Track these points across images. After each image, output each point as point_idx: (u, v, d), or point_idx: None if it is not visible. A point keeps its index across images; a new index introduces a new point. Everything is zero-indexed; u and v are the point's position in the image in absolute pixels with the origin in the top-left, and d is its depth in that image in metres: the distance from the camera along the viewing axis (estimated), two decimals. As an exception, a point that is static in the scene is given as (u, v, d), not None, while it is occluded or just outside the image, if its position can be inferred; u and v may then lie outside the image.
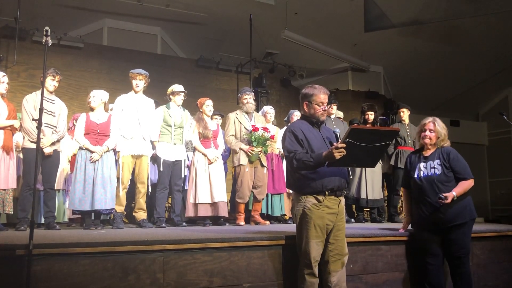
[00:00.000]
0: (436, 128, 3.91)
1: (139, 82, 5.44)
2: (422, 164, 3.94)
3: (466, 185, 3.80)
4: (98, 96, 5.24)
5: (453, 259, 3.88)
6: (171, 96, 5.71)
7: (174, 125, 5.57)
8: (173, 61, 10.83)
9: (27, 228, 4.58)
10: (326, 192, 3.18)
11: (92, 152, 4.99)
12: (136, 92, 5.46)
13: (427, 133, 3.93)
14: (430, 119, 3.99)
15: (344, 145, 2.96)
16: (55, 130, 4.98)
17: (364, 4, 10.38)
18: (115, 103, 5.49)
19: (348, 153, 2.98)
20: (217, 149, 5.78)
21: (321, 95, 3.29)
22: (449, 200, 3.68)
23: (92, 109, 5.23)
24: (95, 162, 4.98)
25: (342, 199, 3.32)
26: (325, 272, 3.27)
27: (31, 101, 4.87)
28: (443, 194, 3.69)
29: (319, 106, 3.29)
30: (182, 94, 5.69)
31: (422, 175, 3.90)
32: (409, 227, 4.21)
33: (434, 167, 3.86)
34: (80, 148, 5.04)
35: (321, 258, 3.26)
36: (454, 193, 3.70)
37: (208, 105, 5.83)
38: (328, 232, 3.23)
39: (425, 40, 11.78)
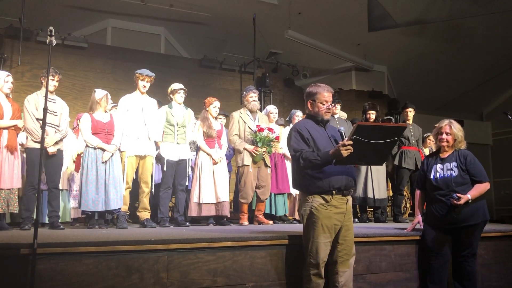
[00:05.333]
0: (452, 130, 3.93)
1: (147, 84, 5.46)
2: (438, 166, 3.96)
3: (482, 188, 3.82)
4: (110, 98, 5.25)
5: (459, 258, 3.91)
6: (171, 96, 5.72)
7: (177, 125, 5.57)
8: (177, 61, 10.84)
9: (31, 228, 4.61)
10: (334, 192, 3.16)
11: (104, 151, 4.97)
12: (142, 93, 5.47)
13: (444, 136, 3.94)
14: (446, 121, 4.00)
15: (351, 142, 2.94)
16: (58, 130, 5.00)
17: (368, 3, 10.36)
18: (119, 103, 5.50)
19: (355, 151, 2.97)
20: (221, 149, 5.78)
21: (325, 93, 3.28)
22: (461, 202, 3.69)
23: (92, 110, 5.19)
24: (106, 162, 4.98)
25: (350, 199, 3.30)
26: (333, 272, 3.26)
27: (32, 101, 4.89)
28: (457, 194, 3.72)
29: (323, 104, 3.28)
30: (182, 91, 5.69)
31: (438, 176, 3.92)
32: (417, 226, 4.21)
33: (451, 169, 3.88)
34: (88, 147, 5.00)
35: (330, 258, 3.25)
36: (469, 195, 3.73)
37: (215, 106, 5.83)
38: (337, 232, 3.22)
39: (429, 39, 11.76)
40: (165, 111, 5.59)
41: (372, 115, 6.46)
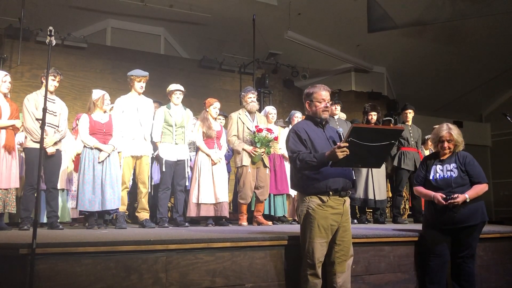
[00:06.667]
0: (453, 137, 3.93)
1: (143, 85, 5.45)
2: (438, 167, 3.96)
3: (480, 188, 3.83)
4: (108, 99, 5.26)
5: (458, 259, 3.92)
6: (169, 96, 5.73)
7: (175, 125, 5.56)
8: (176, 61, 10.84)
9: (30, 228, 4.60)
10: (330, 193, 3.16)
11: (101, 151, 4.97)
12: (139, 94, 5.47)
13: (446, 144, 3.94)
14: (444, 128, 3.97)
15: (347, 144, 2.94)
16: (57, 130, 5.00)
17: (368, 4, 10.37)
18: (115, 104, 5.50)
19: (352, 153, 2.95)
20: (220, 149, 5.79)
21: (322, 92, 3.29)
22: (459, 200, 3.70)
23: (91, 110, 5.18)
24: (102, 162, 4.97)
25: (347, 200, 3.30)
26: (331, 273, 3.26)
27: (32, 100, 4.88)
28: (453, 195, 3.72)
29: (320, 103, 3.28)
30: (178, 92, 5.67)
31: (438, 177, 3.93)
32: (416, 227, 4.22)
33: (451, 170, 3.89)
34: (86, 147, 5.00)
35: (328, 259, 3.25)
36: (466, 195, 3.74)
37: (216, 107, 5.83)
38: (334, 232, 3.22)
39: (428, 41, 11.77)
40: (163, 111, 5.59)
41: (374, 116, 6.42)
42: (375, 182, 6.22)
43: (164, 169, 5.46)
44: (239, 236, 3.49)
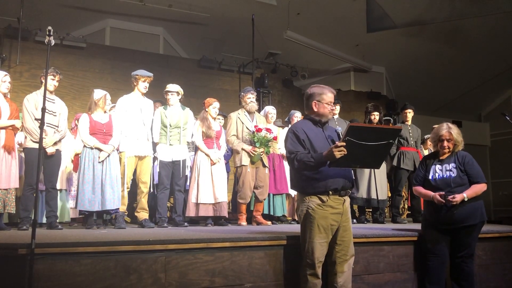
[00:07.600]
0: (452, 136, 3.93)
1: (147, 85, 5.46)
2: (437, 167, 3.97)
3: (478, 188, 3.83)
4: (109, 99, 5.24)
5: (457, 259, 3.92)
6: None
7: (170, 126, 5.55)
8: (176, 61, 10.84)
9: (29, 228, 4.60)
10: (330, 192, 3.16)
11: (101, 151, 4.97)
12: (143, 94, 5.46)
13: (445, 143, 3.94)
14: (444, 127, 3.98)
15: (344, 143, 2.93)
16: (57, 130, 4.99)
17: (367, 4, 10.37)
18: (117, 104, 5.50)
19: (349, 153, 2.94)
20: (219, 149, 5.78)
21: (330, 94, 3.30)
22: (457, 200, 3.70)
23: (91, 110, 5.19)
24: (102, 161, 4.97)
25: (347, 199, 3.29)
26: (332, 273, 3.26)
27: (32, 100, 4.87)
28: (451, 196, 3.72)
29: (329, 105, 3.29)
30: (169, 93, 5.63)
31: (437, 177, 3.93)
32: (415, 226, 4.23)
33: (450, 170, 3.89)
34: (85, 147, 4.99)
35: (328, 259, 3.25)
36: (464, 194, 3.74)
37: (215, 107, 5.82)
38: (334, 232, 3.22)
39: (428, 40, 11.78)
40: (159, 112, 5.59)
41: (377, 116, 6.37)
42: (378, 182, 6.21)
43: (158, 169, 5.46)
44: (238, 236, 3.49)
